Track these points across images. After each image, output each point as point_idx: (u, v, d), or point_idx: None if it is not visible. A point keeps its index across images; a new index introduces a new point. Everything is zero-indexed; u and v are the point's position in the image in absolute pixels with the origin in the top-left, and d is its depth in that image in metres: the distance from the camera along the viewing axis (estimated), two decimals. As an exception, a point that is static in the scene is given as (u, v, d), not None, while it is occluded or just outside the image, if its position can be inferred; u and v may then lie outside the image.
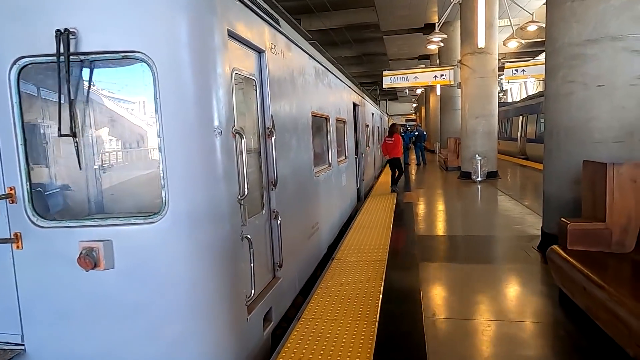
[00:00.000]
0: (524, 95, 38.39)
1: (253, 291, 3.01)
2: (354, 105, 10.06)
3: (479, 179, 11.53)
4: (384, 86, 12.95)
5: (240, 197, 2.87)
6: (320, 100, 5.80)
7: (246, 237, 2.94)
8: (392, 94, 54.25)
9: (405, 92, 16.00)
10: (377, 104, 33.93)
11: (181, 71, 2.48)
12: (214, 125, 2.60)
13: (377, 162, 16.42)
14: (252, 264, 3.00)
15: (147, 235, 2.50)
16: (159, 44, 2.43)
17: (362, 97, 11.56)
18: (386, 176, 14.36)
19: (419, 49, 23.76)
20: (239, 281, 2.86)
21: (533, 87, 41.14)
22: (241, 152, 2.87)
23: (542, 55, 24.00)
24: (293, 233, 4.22)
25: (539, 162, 17.03)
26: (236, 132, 2.84)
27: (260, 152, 3.55)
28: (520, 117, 20.07)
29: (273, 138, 3.57)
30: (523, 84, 43.01)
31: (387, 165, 11.02)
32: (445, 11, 12.30)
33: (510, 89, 43.89)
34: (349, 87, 8.92)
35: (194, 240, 2.56)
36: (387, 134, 10.74)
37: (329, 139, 6.46)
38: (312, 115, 5.26)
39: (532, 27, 11.14)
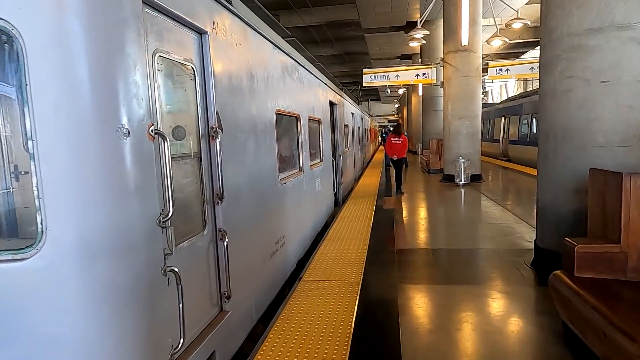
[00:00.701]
0: (504, 97, 38.51)
1: (182, 340, 2.32)
2: (331, 104, 9.42)
3: (462, 182, 11.04)
4: (364, 84, 12.36)
5: (163, 217, 2.18)
6: (289, 97, 5.13)
7: (172, 271, 2.25)
8: (375, 95, 53.90)
9: (387, 92, 15.46)
10: (358, 104, 33.42)
11: (66, 49, 1.78)
12: (118, 123, 1.91)
13: (357, 164, 15.84)
14: (180, 304, 2.30)
15: (16, 276, 1.79)
16: (31, 10, 1.73)
17: (341, 96, 10.95)
18: (367, 178, 13.80)
19: (401, 48, 23.35)
20: (158, 330, 2.17)
21: (514, 88, 41.37)
22: (166, 159, 2.18)
23: (528, 54, 23.39)
24: (249, 254, 3.54)
25: (521, 164, 16.72)
26: (156, 133, 2.15)
27: (201, 157, 2.86)
28: (503, 119, 19.80)
29: (218, 140, 2.89)
30: (504, 85, 43.26)
31: (391, 165, 10.76)
32: (428, 7, 11.78)
33: (491, 90, 44.03)
34: (325, 84, 8.28)
35: (87, 281, 1.86)
36: (394, 134, 10.44)
37: (299, 140, 5.79)
38: (278, 114, 4.59)
39: (517, 25, 10.69)
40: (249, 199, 3.62)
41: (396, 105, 51.72)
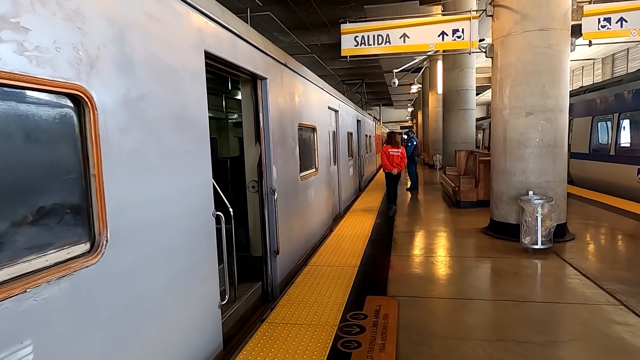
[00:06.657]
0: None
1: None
2: (254, 77, 3.90)
3: (539, 245, 5.32)
4: (343, 53, 6.85)
5: None
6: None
7: None
8: (386, 99, 48.28)
9: (394, 83, 10.02)
10: (363, 108, 27.85)
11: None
12: None
13: (346, 191, 10.26)
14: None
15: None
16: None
17: (286, 65, 5.37)
18: (356, 217, 7.89)
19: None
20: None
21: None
22: None
23: None
24: None
25: (593, 189, 10.97)
26: None
27: None
28: (559, 122, 13.88)
29: None
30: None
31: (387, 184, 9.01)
32: None
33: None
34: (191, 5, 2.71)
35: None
36: (390, 144, 8.82)
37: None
38: None
39: None
40: None
41: (410, 109, 46.02)
